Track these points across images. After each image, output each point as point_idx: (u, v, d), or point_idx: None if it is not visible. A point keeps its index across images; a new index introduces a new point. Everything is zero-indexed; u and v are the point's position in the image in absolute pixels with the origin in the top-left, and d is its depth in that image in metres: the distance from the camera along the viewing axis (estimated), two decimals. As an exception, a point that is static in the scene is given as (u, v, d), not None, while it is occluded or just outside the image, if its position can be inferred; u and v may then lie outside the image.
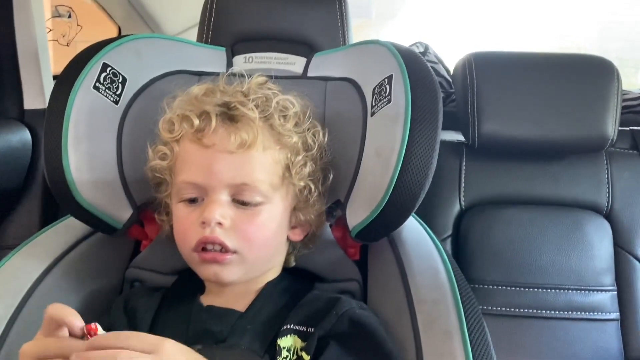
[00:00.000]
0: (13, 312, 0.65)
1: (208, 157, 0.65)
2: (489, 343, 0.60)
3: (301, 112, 0.73)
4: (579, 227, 1.22)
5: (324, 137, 0.75)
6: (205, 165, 0.65)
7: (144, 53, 0.83)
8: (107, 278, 0.80)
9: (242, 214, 0.65)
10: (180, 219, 0.68)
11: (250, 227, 0.65)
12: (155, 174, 0.73)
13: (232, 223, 0.65)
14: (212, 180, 0.65)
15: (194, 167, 0.66)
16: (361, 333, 0.63)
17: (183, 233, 0.68)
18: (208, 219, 0.63)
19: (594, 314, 1.18)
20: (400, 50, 0.76)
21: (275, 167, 0.68)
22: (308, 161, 0.71)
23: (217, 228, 0.64)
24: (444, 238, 1.24)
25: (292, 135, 0.69)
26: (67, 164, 0.71)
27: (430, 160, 0.67)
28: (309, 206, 0.72)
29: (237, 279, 0.67)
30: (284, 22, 0.97)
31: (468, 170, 1.28)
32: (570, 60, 1.28)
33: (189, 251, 0.67)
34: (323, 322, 0.63)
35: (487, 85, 1.23)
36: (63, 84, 0.74)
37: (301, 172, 0.70)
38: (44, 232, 0.79)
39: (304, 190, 0.71)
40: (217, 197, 0.65)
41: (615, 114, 1.21)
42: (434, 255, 0.72)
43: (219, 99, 0.68)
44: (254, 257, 0.67)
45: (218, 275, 0.66)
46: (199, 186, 0.66)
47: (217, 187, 0.65)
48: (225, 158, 0.65)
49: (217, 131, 0.65)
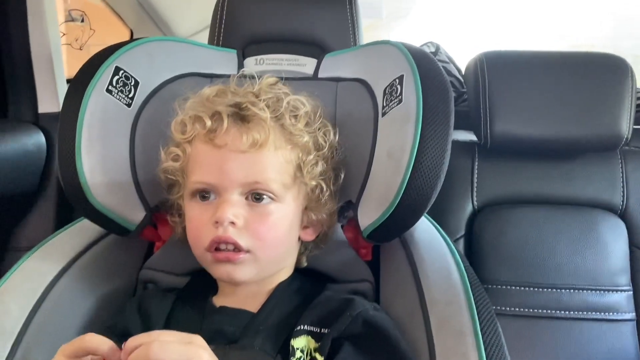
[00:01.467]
0: (29, 314, 0.66)
1: (220, 157, 0.66)
2: (502, 343, 0.59)
3: (312, 112, 0.73)
4: (593, 226, 1.21)
5: (335, 136, 0.75)
6: (218, 165, 0.66)
7: (156, 56, 0.84)
8: (120, 279, 0.80)
9: (255, 213, 0.66)
10: (193, 218, 0.68)
11: (262, 226, 0.66)
12: (167, 176, 0.73)
13: (244, 222, 0.65)
14: (224, 180, 0.65)
15: (206, 167, 0.67)
16: (375, 334, 0.63)
17: (196, 233, 0.68)
18: (221, 219, 0.64)
19: (609, 314, 1.17)
20: (411, 50, 0.76)
21: (286, 167, 0.68)
22: (319, 160, 0.71)
23: (230, 227, 0.64)
24: (456, 238, 1.23)
25: (303, 135, 0.70)
26: (81, 166, 0.71)
27: (442, 161, 0.67)
28: (321, 206, 0.73)
29: (250, 278, 0.67)
30: (295, 23, 0.98)
31: (480, 170, 1.28)
32: (583, 58, 1.26)
33: (202, 251, 0.67)
34: (337, 324, 0.63)
35: (499, 84, 1.22)
36: (76, 88, 0.74)
37: (312, 172, 0.70)
38: (59, 234, 0.80)
39: (316, 189, 0.71)
40: (230, 196, 0.65)
41: (629, 112, 1.20)
42: (447, 255, 0.72)
43: (230, 100, 0.68)
44: (266, 256, 0.67)
45: (231, 274, 0.66)
46: (211, 186, 0.66)
47: (230, 187, 0.65)
48: (238, 158, 0.65)
49: (229, 131, 0.66)
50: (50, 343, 0.66)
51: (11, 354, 0.62)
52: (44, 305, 0.67)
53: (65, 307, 0.70)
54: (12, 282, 0.69)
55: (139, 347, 0.47)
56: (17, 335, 0.63)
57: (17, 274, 0.70)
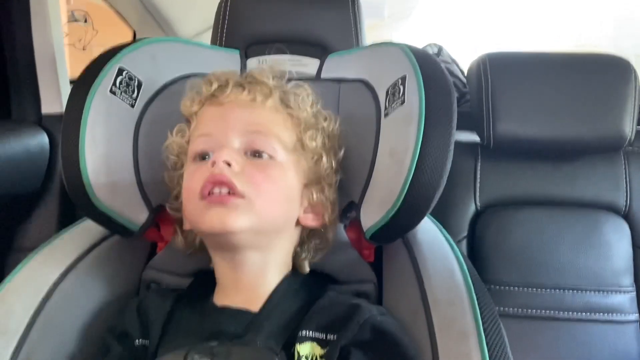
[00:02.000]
0: (32, 314, 0.66)
1: (223, 110, 0.69)
2: (505, 344, 0.59)
3: (312, 94, 0.76)
4: (596, 227, 1.21)
5: (336, 123, 0.77)
6: (219, 117, 0.69)
7: (159, 57, 0.84)
8: (124, 280, 0.80)
9: (253, 164, 0.66)
10: (189, 173, 0.68)
11: (259, 174, 0.65)
12: (170, 155, 0.75)
13: (241, 169, 0.64)
14: (224, 128, 0.67)
15: (208, 121, 0.70)
16: (384, 341, 0.63)
17: (190, 184, 0.66)
18: (217, 158, 0.63)
19: (613, 315, 1.17)
20: (413, 51, 0.76)
21: (287, 132, 0.70)
22: (319, 135, 0.73)
23: (226, 168, 0.63)
24: (459, 239, 1.23)
25: (305, 109, 0.73)
26: (84, 167, 0.71)
27: (445, 161, 0.66)
28: (322, 182, 0.73)
29: (244, 227, 0.63)
30: (297, 24, 0.98)
31: (483, 170, 1.28)
32: (586, 59, 1.26)
33: (196, 202, 0.64)
34: (345, 331, 0.63)
35: (502, 85, 1.22)
36: (80, 89, 0.75)
37: (312, 144, 0.72)
38: (62, 234, 0.80)
39: (319, 161, 0.73)
40: (229, 143, 0.66)
41: (632, 112, 1.19)
42: (450, 256, 0.72)
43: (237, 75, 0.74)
44: (262, 207, 0.64)
45: (223, 219, 0.62)
46: (211, 136, 0.67)
47: (230, 134, 0.67)
48: (240, 110, 0.69)
49: (233, 91, 0.70)
50: (54, 343, 0.66)
51: (15, 354, 0.62)
52: (47, 305, 0.67)
53: (68, 307, 0.70)
54: (15, 282, 0.69)
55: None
56: (21, 335, 0.63)
57: (21, 274, 0.70)
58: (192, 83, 0.76)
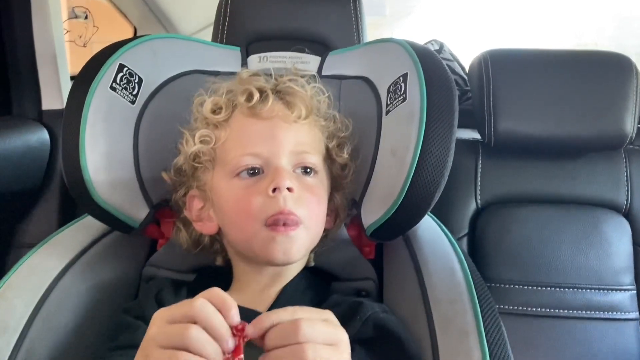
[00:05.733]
0: (33, 309, 0.66)
1: (270, 127, 0.68)
2: (506, 342, 0.59)
3: (330, 98, 0.76)
4: (597, 225, 1.20)
5: (350, 126, 0.77)
6: (268, 135, 0.67)
7: (160, 53, 0.84)
8: (124, 276, 0.80)
9: (303, 184, 0.67)
10: (241, 192, 0.66)
11: (312, 197, 0.67)
12: (193, 163, 0.71)
13: (298, 192, 0.65)
14: (276, 147, 0.66)
15: (255, 138, 0.67)
16: (386, 337, 0.63)
17: (246, 206, 0.64)
18: (281, 185, 0.63)
19: (613, 313, 1.17)
20: (415, 48, 0.76)
21: (320, 144, 0.72)
22: (344, 142, 0.75)
23: (289, 196, 0.63)
24: (460, 237, 1.23)
25: (330, 117, 0.74)
26: (85, 163, 0.71)
27: (446, 159, 0.66)
28: (345, 187, 0.75)
29: (301, 255, 0.68)
30: (299, 21, 0.98)
31: (484, 168, 1.27)
32: (588, 57, 1.26)
33: (258, 228, 0.64)
34: (347, 328, 0.63)
35: (504, 82, 1.22)
36: (80, 85, 0.74)
37: (340, 149, 0.74)
38: (62, 231, 0.80)
39: (345, 168, 0.74)
40: (282, 164, 0.66)
41: (634, 111, 1.19)
42: (450, 254, 0.72)
43: (266, 79, 0.72)
44: (314, 230, 0.68)
45: (287, 252, 0.64)
46: (261, 157, 0.66)
47: (282, 155, 0.66)
48: (288, 127, 0.68)
49: (274, 105, 0.69)
50: (54, 339, 0.66)
51: (15, 350, 0.62)
52: (47, 301, 0.67)
53: (69, 303, 0.70)
54: (16, 278, 0.69)
55: (281, 326, 0.45)
56: (21, 331, 0.63)
57: (21, 270, 0.70)
58: (199, 79, 0.75)
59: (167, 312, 0.47)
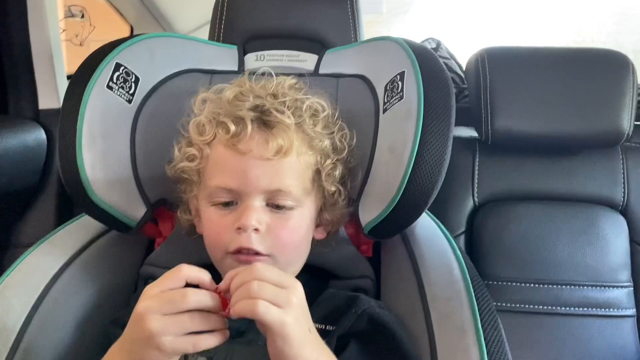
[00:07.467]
0: (30, 309, 0.66)
1: (244, 163, 0.65)
2: (503, 339, 0.59)
3: (330, 115, 0.73)
4: (594, 222, 1.21)
5: (353, 139, 0.74)
6: (241, 171, 0.65)
7: (156, 52, 0.83)
8: (121, 275, 0.81)
9: (276, 218, 0.66)
10: (213, 222, 0.67)
11: (283, 231, 0.66)
12: (181, 174, 0.72)
13: (266, 228, 0.65)
14: (247, 186, 0.65)
15: (229, 172, 0.66)
16: (380, 332, 0.63)
17: (216, 236, 0.67)
18: (245, 226, 0.63)
19: (610, 310, 1.17)
20: (412, 46, 0.76)
21: (306, 172, 0.68)
22: (338, 164, 0.72)
23: (253, 234, 0.64)
24: (457, 234, 1.23)
25: (323, 139, 0.70)
26: (82, 163, 0.71)
27: (443, 157, 0.67)
28: (336, 208, 0.73)
29: None
30: (295, 19, 0.97)
31: (481, 166, 1.27)
32: (585, 54, 1.26)
33: (223, 255, 0.66)
34: (342, 321, 0.63)
35: (500, 80, 1.22)
36: (77, 84, 0.74)
37: (331, 175, 0.71)
38: (60, 230, 0.80)
39: (334, 193, 0.72)
40: (253, 202, 0.65)
41: (630, 108, 1.19)
42: (448, 251, 0.72)
43: (251, 103, 0.68)
44: (285, 260, 0.67)
45: None
46: (233, 191, 0.66)
47: (253, 193, 0.65)
48: (262, 165, 0.65)
49: (253, 137, 0.65)
50: (52, 338, 0.66)
51: (13, 350, 0.62)
52: (45, 301, 0.67)
53: (66, 303, 0.70)
54: (13, 278, 0.69)
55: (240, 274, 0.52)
56: (19, 330, 0.63)
57: (19, 270, 0.70)
58: (196, 78, 0.73)
59: (159, 284, 0.52)
